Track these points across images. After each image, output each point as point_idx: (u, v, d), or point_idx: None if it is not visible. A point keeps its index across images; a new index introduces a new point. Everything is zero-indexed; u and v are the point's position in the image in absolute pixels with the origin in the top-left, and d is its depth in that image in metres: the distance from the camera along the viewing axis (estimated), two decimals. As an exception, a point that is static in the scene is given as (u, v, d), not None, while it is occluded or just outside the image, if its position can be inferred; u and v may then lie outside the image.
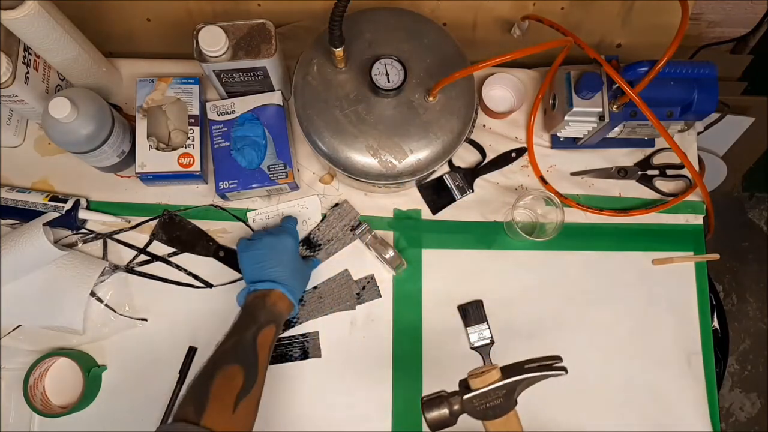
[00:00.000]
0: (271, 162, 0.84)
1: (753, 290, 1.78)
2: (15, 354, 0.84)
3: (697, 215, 0.94)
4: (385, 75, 0.72)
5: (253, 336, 0.71)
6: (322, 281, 0.88)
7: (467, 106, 0.77)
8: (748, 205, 1.85)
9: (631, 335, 0.89)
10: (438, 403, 0.62)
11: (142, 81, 0.86)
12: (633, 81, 0.76)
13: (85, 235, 0.88)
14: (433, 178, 0.92)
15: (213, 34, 0.74)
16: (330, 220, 0.89)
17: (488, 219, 0.92)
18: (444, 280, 0.89)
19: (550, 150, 0.95)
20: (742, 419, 1.69)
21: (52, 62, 0.79)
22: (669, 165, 0.95)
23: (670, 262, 0.91)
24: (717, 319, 1.11)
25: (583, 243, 0.92)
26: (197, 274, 0.88)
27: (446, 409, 0.61)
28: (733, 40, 1.06)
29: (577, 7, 0.89)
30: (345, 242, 0.89)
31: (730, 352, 1.46)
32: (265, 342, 0.72)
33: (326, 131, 0.75)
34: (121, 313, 0.85)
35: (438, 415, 0.61)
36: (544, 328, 0.89)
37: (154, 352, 0.85)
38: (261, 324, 0.72)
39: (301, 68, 0.77)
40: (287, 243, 0.80)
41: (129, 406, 0.84)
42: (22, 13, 0.67)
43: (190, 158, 0.84)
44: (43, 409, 0.80)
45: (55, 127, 0.75)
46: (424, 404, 0.62)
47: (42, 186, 0.89)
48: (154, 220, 0.89)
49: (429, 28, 0.78)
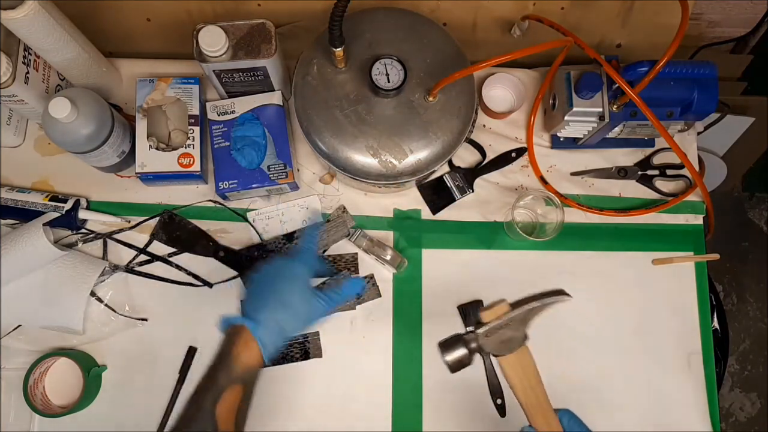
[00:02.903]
0: (271, 162, 0.84)
1: (753, 290, 1.78)
2: (15, 354, 0.84)
3: (697, 215, 0.94)
4: (385, 75, 0.72)
5: (212, 403, 0.58)
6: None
7: (467, 106, 0.77)
8: (748, 205, 1.85)
9: (631, 335, 0.89)
10: (454, 343, 0.63)
11: (142, 81, 0.86)
12: (633, 81, 0.76)
13: (85, 235, 0.88)
14: (433, 178, 0.92)
15: (213, 34, 0.74)
16: (325, 238, 0.88)
17: (488, 219, 0.92)
18: (444, 280, 0.89)
19: (550, 150, 0.95)
20: (742, 419, 1.69)
21: (52, 62, 0.79)
22: (669, 165, 0.95)
23: (670, 262, 0.91)
24: (717, 319, 1.11)
25: (583, 243, 0.92)
26: (197, 274, 0.88)
27: (463, 348, 0.63)
28: (733, 40, 1.06)
29: (577, 7, 0.89)
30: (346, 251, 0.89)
31: (730, 352, 1.46)
32: (227, 411, 0.59)
33: (326, 131, 0.75)
34: (121, 313, 0.85)
35: (457, 356, 0.62)
36: (544, 327, 0.88)
37: (154, 352, 0.85)
38: (221, 387, 0.59)
39: (301, 68, 0.77)
40: (290, 270, 0.68)
41: (129, 406, 0.84)
42: (22, 13, 0.67)
43: (190, 158, 0.84)
44: (43, 409, 0.80)
45: (55, 127, 0.75)
46: (441, 346, 0.63)
47: (42, 186, 0.89)
48: (154, 219, 0.89)
49: (429, 28, 0.78)
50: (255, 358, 0.61)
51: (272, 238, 0.89)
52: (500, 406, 0.85)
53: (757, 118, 1.24)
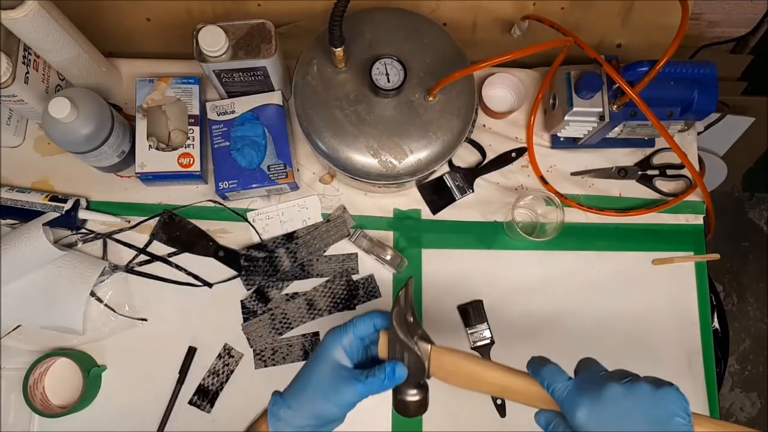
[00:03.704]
0: (271, 162, 0.84)
1: (753, 290, 1.78)
2: (15, 354, 0.84)
3: (697, 215, 0.94)
4: (385, 75, 0.72)
5: None
6: (322, 282, 0.88)
7: (467, 106, 0.77)
8: (748, 205, 1.85)
9: (631, 335, 0.89)
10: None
11: (142, 81, 0.86)
12: (633, 81, 0.76)
13: (85, 235, 0.87)
14: (433, 178, 0.92)
15: (213, 34, 0.74)
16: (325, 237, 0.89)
17: (488, 219, 0.92)
18: (444, 280, 0.89)
19: (550, 150, 0.95)
20: (742, 419, 1.69)
21: (52, 62, 0.79)
22: (669, 165, 0.95)
23: (670, 262, 0.91)
24: (717, 319, 1.10)
25: (583, 243, 0.92)
26: (197, 274, 0.88)
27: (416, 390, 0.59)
28: (733, 40, 1.06)
29: (577, 7, 0.89)
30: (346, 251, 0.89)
31: (730, 352, 1.46)
32: None
33: (326, 131, 0.75)
34: (121, 313, 0.85)
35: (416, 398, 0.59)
36: (544, 328, 0.89)
37: (154, 352, 0.85)
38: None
39: (301, 68, 0.77)
40: (318, 354, 0.60)
41: (129, 406, 0.84)
42: (22, 13, 0.67)
43: (190, 158, 0.84)
44: (43, 409, 0.80)
45: (55, 127, 0.75)
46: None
47: (42, 186, 0.89)
48: (154, 219, 0.89)
49: (429, 28, 0.78)
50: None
51: (272, 238, 0.89)
52: (500, 406, 0.85)
53: (757, 118, 1.24)
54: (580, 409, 0.51)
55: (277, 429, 0.57)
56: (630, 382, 0.51)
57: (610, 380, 0.52)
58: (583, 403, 0.51)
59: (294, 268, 0.88)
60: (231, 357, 0.85)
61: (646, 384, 0.51)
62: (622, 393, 0.51)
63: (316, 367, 0.59)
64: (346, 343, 0.59)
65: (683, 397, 0.51)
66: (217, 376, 0.84)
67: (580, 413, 0.51)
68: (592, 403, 0.51)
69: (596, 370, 0.55)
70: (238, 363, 0.85)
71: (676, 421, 0.49)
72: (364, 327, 0.61)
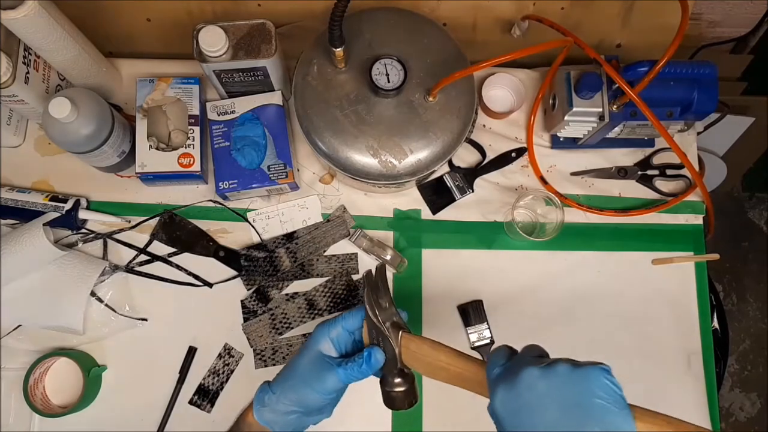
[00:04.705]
0: (271, 162, 0.84)
1: (753, 290, 1.78)
2: (15, 354, 0.84)
3: (697, 215, 0.94)
4: (385, 75, 0.72)
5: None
6: (322, 282, 0.88)
7: (467, 106, 0.77)
8: (748, 205, 1.85)
9: (631, 335, 0.89)
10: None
11: (142, 81, 0.86)
12: (633, 81, 0.76)
13: (85, 235, 0.88)
14: (433, 178, 0.92)
15: (213, 34, 0.74)
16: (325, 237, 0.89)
17: (488, 219, 0.92)
18: (444, 280, 0.89)
19: (550, 150, 0.95)
20: (742, 419, 1.69)
21: (52, 62, 0.79)
22: (669, 165, 0.95)
23: (670, 262, 0.91)
24: (717, 319, 1.10)
25: (583, 243, 0.92)
26: (197, 274, 0.88)
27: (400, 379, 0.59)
28: (733, 40, 1.06)
29: (577, 7, 0.89)
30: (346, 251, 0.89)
31: (730, 352, 1.46)
32: None
33: (326, 131, 0.75)
34: (121, 313, 0.85)
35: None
36: (544, 328, 0.89)
37: (154, 352, 0.85)
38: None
39: (301, 68, 0.77)
40: (305, 346, 0.62)
41: (129, 406, 0.84)
42: (22, 13, 0.67)
43: (190, 158, 0.84)
44: (43, 409, 0.80)
45: (55, 127, 0.75)
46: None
47: (42, 186, 0.89)
48: (154, 219, 0.89)
49: (429, 28, 0.78)
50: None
51: (272, 238, 0.89)
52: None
53: (757, 118, 1.24)
54: (495, 398, 0.45)
55: (262, 415, 0.60)
56: (548, 366, 0.44)
57: (528, 365, 0.45)
58: (498, 391, 0.45)
59: (294, 268, 0.88)
60: (231, 357, 0.85)
61: (563, 365, 0.43)
62: (537, 376, 0.43)
63: (301, 357, 0.61)
64: (333, 335, 0.61)
65: (608, 378, 0.42)
66: (217, 376, 0.84)
67: (496, 403, 0.45)
68: (506, 390, 0.45)
69: (530, 355, 0.48)
70: (239, 363, 0.85)
71: (596, 403, 0.41)
72: (353, 320, 0.62)
